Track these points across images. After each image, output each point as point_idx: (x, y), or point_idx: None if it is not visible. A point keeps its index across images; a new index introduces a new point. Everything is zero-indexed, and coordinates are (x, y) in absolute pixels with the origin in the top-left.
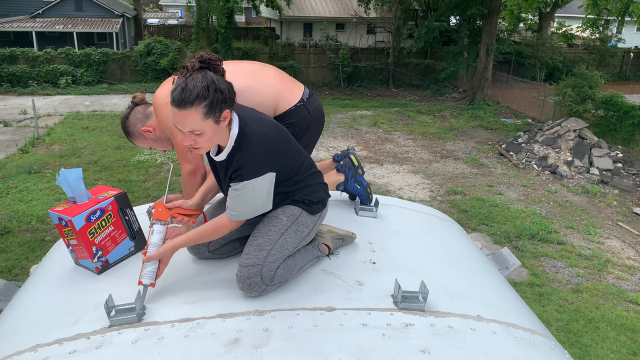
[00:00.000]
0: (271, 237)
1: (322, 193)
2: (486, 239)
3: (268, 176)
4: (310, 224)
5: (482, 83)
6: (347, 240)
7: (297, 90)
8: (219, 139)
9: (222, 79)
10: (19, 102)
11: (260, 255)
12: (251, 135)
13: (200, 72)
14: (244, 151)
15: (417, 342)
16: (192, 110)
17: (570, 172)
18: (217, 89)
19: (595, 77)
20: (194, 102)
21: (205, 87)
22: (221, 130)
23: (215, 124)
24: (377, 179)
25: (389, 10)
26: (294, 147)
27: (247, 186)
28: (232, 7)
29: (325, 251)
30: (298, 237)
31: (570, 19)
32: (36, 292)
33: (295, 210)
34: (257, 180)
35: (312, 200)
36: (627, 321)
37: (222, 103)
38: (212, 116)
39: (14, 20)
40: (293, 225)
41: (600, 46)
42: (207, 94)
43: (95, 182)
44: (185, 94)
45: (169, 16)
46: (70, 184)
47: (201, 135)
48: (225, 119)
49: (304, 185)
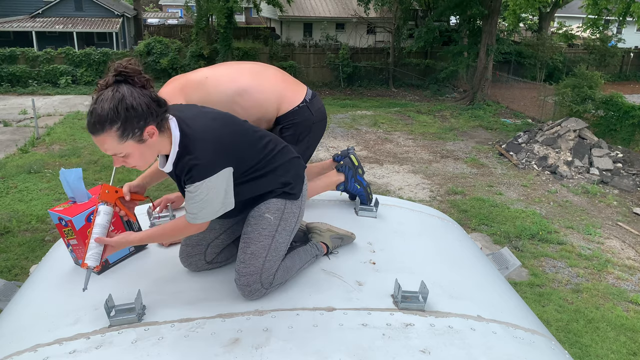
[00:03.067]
0: (264, 243)
1: (297, 168)
2: (486, 239)
3: (223, 173)
4: (297, 210)
5: (482, 83)
6: (347, 240)
7: (299, 91)
8: (154, 152)
9: (138, 92)
10: (18, 102)
11: (257, 264)
12: (195, 134)
13: (112, 89)
14: (191, 153)
15: (417, 342)
16: (105, 136)
17: (570, 172)
18: (128, 107)
19: (595, 77)
20: (104, 126)
21: (114, 108)
22: (152, 146)
23: (138, 144)
24: (377, 179)
25: (389, 10)
26: (248, 132)
27: (201, 187)
28: (232, 7)
29: (324, 250)
30: (288, 232)
31: (571, 19)
32: (36, 292)
33: (279, 204)
34: (210, 180)
35: (289, 180)
36: (627, 321)
37: (139, 121)
38: (131, 137)
39: (14, 20)
40: (281, 223)
41: (600, 46)
42: (116, 116)
43: (95, 182)
44: (93, 119)
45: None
46: (70, 184)
47: (129, 157)
48: (151, 135)
49: (275, 165)
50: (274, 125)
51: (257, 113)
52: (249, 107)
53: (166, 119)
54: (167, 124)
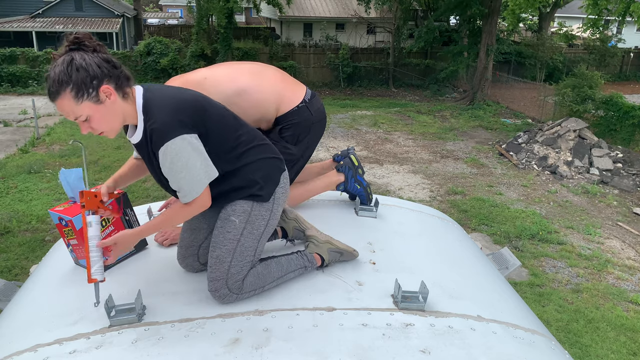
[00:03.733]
0: (228, 247)
1: (271, 169)
2: (486, 239)
3: (187, 138)
4: (266, 214)
5: (482, 83)
6: (347, 256)
7: (299, 91)
8: (117, 117)
9: (89, 55)
10: (19, 102)
11: (222, 269)
12: (156, 99)
13: (63, 56)
14: (151, 116)
15: (417, 342)
16: (62, 99)
17: (570, 172)
18: (78, 67)
19: (595, 77)
20: (58, 90)
21: (64, 70)
22: (112, 109)
23: (96, 105)
24: (377, 179)
25: (389, 10)
26: (221, 112)
27: (168, 153)
28: (232, 7)
29: (317, 262)
30: (255, 236)
31: (571, 19)
32: (36, 292)
33: (245, 206)
34: (174, 143)
35: (258, 180)
36: (627, 321)
37: (90, 80)
38: (87, 97)
39: (14, 20)
40: (247, 226)
41: (600, 46)
42: (67, 77)
43: (95, 182)
44: (48, 84)
45: (169, 16)
46: (70, 184)
47: (91, 120)
48: (109, 96)
49: (247, 161)
50: (273, 125)
51: (256, 113)
52: (248, 107)
53: (129, 85)
54: (132, 92)
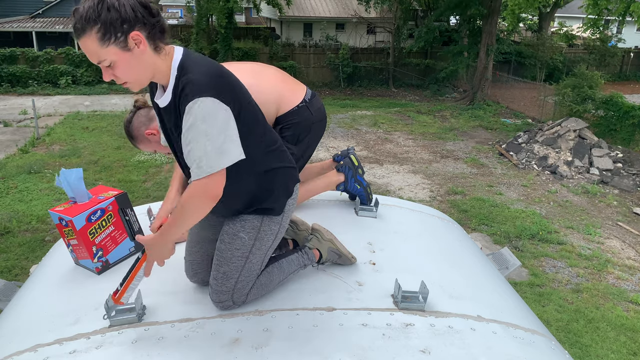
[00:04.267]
0: (236, 265)
1: (288, 179)
2: (486, 239)
3: (223, 105)
4: (275, 227)
5: (482, 83)
6: (344, 260)
7: (299, 91)
8: (145, 68)
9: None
10: (19, 102)
11: (229, 284)
12: (197, 59)
13: None
14: (188, 71)
15: (417, 342)
16: (86, 38)
17: (570, 172)
18: (109, 6)
19: (595, 77)
20: (84, 27)
21: (94, 6)
22: (141, 58)
23: (123, 51)
24: (377, 179)
25: (389, 10)
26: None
27: (195, 110)
28: (232, 7)
29: (315, 257)
30: (263, 251)
31: (571, 19)
32: (36, 292)
33: (255, 222)
34: (206, 101)
35: (273, 189)
36: (627, 321)
37: (121, 23)
38: (114, 41)
39: (14, 20)
40: (256, 242)
41: (600, 46)
42: (96, 15)
43: (96, 182)
44: (75, 19)
45: (169, 16)
46: (70, 184)
47: (115, 67)
48: (138, 44)
49: (266, 167)
50: (273, 125)
51: None
52: None
53: (163, 39)
54: (168, 48)
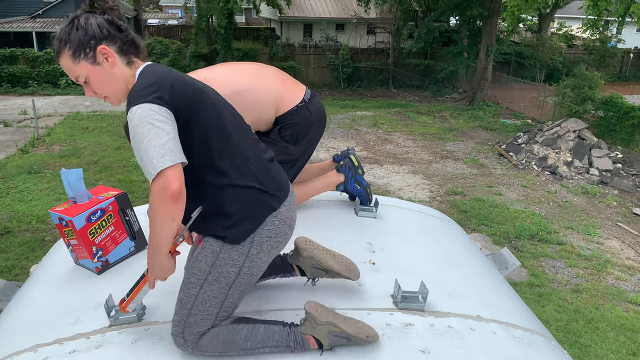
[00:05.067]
0: (190, 292)
1: (253, 203)
2: (486, 240)
3: (156, 107)
4: (238, 259)
5: (481, 84)
6: (356, 342)
7: (298, 91)
8: (117, 81)
9: (94, 16)
10: (19, 103)
11: (182, 314)
12: (151, 70)
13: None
14: (135, 84)
15: (417, 342)
16: (62, 57)
17: (570, 172)
18: (77, 26)
19: (595, 78)
20: (59, 48)
21: (65, 28)
22: (111, 72)
23: (93, 66)
24: (377, 179)
25: (389, 10)
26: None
27: (132, 119)
28: (232, 8)
29: (311, 346)
30: (222, 285)
31: (570, 20)
32: (36, 292)
33: (214, 246)
34: (140, 107)
35: (229, 213)
36: (627, 321)
37: (88, 40)
38: (84, 57)
39: (14, 20)
40: (212, 270)
41: (600, 47)
42: (66, 36)
43: (96, 182)
44: (53, 43)
45: (168, 17)
46: (70, 184)
47: (90, 82)
48: (107, 57)
49: (222, 182)
50: (273, 125)
51: (255, 113)
52: (247, 107)
53: (137, 53)
54: (139, 63)
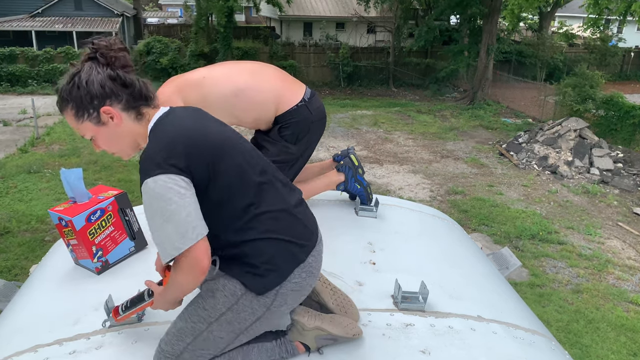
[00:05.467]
0: (195, 326)
1: (280, 255)
2: (486, 239)
3: (172, 178)
4: (258, 310)
5: (482, 83)
6: (343, 341)
7: (298, 90)
8: (126, 139)
9: (97, 70)
10: (18, 102)
11: (177, 347)
12: (164, 124)
13: (77, 66)
14: (148, 144)
15: (417, 343)
16: (65, 114)
17: (571, 172)
18: (78, 84)
19: (596, 77)
20: (61, 105)
21: (66, 85)
22: (117, 131)
23: (98, 126)
24: (377, 178)
25: (389, 9)
26: (242, 161)
27: (145, 192)
28: (232, 6)
29: (299, 351)
30: (233, 330)
31: (571, 19)
32: (36, 292)
33: (236, 289)
34: (154, 181)
35: (255, 264)
36: (628, 322)
37: (90, 100)
38: (87, 117)
39: (14, 19)
40: (228, 313)
41: (601, 46)
42: (67, 94)
43: (95, 182)
44: (57, 97)
45: (168, 15)
46: (70, 184)
47: (96, 140)
48: (112, 118)
49: (248, 237)
50: (272, 125)
51: (254, 113)
52: (246, 106)
53: (147, 105)
54: (151, 113)
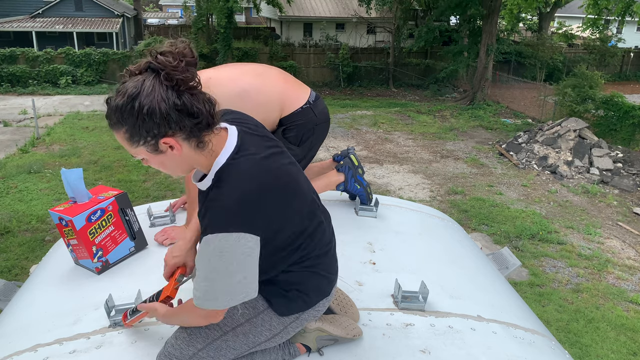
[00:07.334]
0: (210, 332)
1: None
2: (486, 239)
3: (245, 239)
4: (277, 327)
5: (482, 83)
6: (344, 342)
7: (303, 92)
8: (182, 164)
9: (162, 94)
10: (18, 102)
11: (187, 352)
12: (241, 169)
13: (135, 80)
14: (218, 191)
15: (417, 342)
16: (116, 134)
17: (571, 172)
18: (138, 110)
19: (595, 77)
20: (112, 124)
21: (123, 107)
22: (175, 159)
23: (154, 154)
24: (377, 179)
25: (389, 10)
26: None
27: (210, 244)
28: (232, 7)
29: (300, 352)
30: (248, 342)
31: (571, 19)
32: (36, 292)
33: (258, 304)
34: (225, 238)
35: (287, 288)
36: (627, 321)
37: (149, 129)
38: (142, 144)
39: (14, 20)
40: (246, 324)
41: (600, 46)
42: (122, 118)
43: (95, 182)
44: (107, 111)
45: (169, 16)
46: (70, 184)
47: (149, 162)
48: (172, 148)
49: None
50: (277, 126)
51: (259, 115)
52: (251, 108)
53: (210, 130)
54: (216, 140)
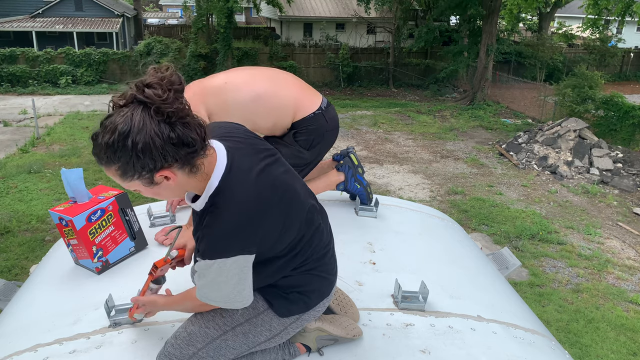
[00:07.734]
0: (209, 332)
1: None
2: (486, 239)
3: (241, 260)
4: (277, 328)
5: (482, 83)
6: (344, 342)
7: (315, 98)
8: (177, 191)
9: (154, 128)
10: (18, 102)
11: (186, 351)
12: (237, 191)
13: (123, 114)
14: (214, 216)
15: (417, 342)
16: (107, 170)
17: (571, 172)
18: (130, 148)
19: (595, 77)
20: (103, 163)
21: (113, 144)
22: (170, 187)
23: (148, 187)
24: (377, 179)
25: (389, 10)
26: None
27: (211, 267)
28: (232, 7)
29: (300, 352)
30: (247, 342)
31: (571, 19)
32: (36, 292)
33: (258, 304)
34: (223, 263)
35: (288, 290)
36: (627, 321)
37: (143, 166)
38: (137, 178)
39: (14, 20)
40: (246, 324)
41: (600, 46)
42: (116, 156)
43: (95, 182)
44: (94, 149)
45: (169, 16)
46: (70, 184)
47: (144, 193)
48: (167, 179)
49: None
50: (289, 130)
51: (272, 119)
52: (265, 112)
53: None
54: (208, 162)
